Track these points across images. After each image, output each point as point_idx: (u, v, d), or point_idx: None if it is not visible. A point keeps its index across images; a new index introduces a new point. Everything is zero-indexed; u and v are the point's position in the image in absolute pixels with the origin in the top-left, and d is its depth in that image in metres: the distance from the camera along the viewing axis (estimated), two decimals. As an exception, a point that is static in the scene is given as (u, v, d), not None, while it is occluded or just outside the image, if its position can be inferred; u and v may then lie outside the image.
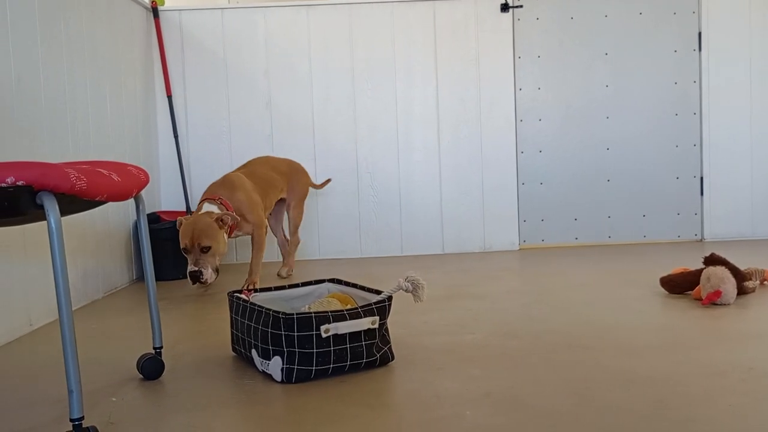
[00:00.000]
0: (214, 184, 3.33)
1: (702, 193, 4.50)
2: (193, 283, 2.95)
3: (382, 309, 1.97)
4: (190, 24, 4.30)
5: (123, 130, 3.68)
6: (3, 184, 1.38)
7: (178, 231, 3.02)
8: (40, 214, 1.44)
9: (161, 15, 4.26)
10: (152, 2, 4.21)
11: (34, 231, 2.65)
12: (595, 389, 1.72)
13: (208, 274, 2.93)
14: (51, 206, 1.40)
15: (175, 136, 4.27)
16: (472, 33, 4.35)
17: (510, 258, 4.10)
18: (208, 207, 3.11)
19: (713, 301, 2.60)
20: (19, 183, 1.38)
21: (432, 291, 3.07)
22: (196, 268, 2.92)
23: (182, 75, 4.31)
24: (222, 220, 2.99)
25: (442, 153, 4.40)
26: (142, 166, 3.82)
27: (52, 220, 1.41)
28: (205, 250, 2.94)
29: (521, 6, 4.37)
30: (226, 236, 3.07)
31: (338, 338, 1.89)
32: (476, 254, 4.32)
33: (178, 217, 3.14)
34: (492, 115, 4.39)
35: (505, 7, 4.33)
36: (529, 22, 4.40)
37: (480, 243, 4.42)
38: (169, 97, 4.27)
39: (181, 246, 2.98)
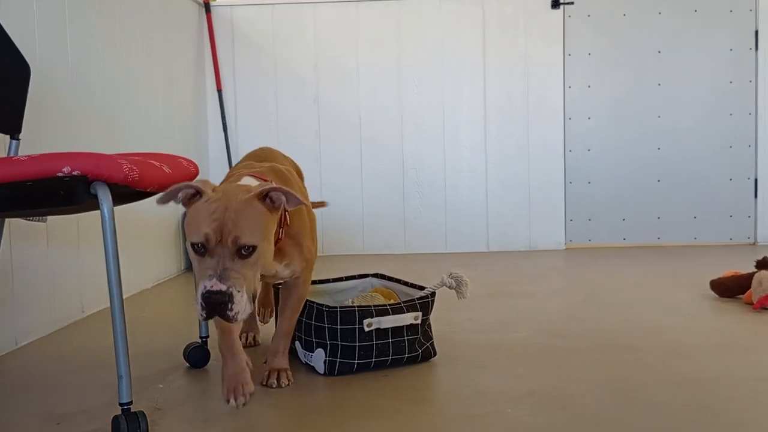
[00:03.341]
0: (247, 165, 1.89)
1: (756, 195, 4.38)
2: (207, 316, 1.44)
3: (425, 305, 1.98)
4: (241, 19, 4.35)
5: (174, 123, 3.75)
6: (59, 174, 1.42)
7: (185, 212, 1.58)
8: (93, 204, 1.48)
9: (213, 10, 4.32)
10: (204, -2, 4.27)
11: (87, 221, 2.72)
12: (641, 390, 1.70)
13: (242, 304, 1.44)
14: (104, 196, 1.44)
15: (225, 130, 4.33)
16: (521, 30, 4.31)
17: (556, 257, 4.06)
18: (248, 181, 1.67)
19: (765, 305, 2.54)
20: (75, 173, 1.42)
21: (476, 288, 3.06)
22: (223, 287, 1.42)
23: (232, 70, 4.37)
24: (271, 199, 1.54)
25: (488, 150, 4.37)
26: (192, 159, 3.89)
27: (106, 210, 1.44)
28: (246, 251, 1.46)
29: (572, 2, 4.31)
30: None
31: (381, 332, 1.90)
32: (521, 253, 4.29)
33: (174, 189, 1.56)
34: (540, 112, 4.35)
35: (555, 4, 4.28)
36: (580, 19, 4.35)
37: (525, 241, 4.39)
38: (219, 91, 4.33)
39: (195, 239, 1.47)
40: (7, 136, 1.98)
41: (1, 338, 2.16)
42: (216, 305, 1.41)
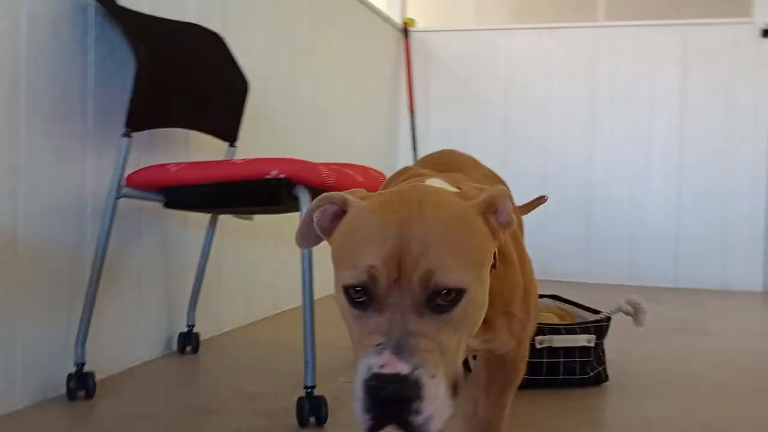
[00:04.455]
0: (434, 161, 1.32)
1: None
2: (375, 426, 0.77)
3: (599, 328, 1.98)
4: (437, 44, 4.52)
5: (368, 140, 3.97)
6: (268, 176, 1.60)
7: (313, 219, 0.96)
8: (294, 206, 1.65)
9: (411, 35, 4.53)
10: (404, 24, 4.49)
11: (284, 225, 2.96)
12: (829, 439, 1.60)
13: (438, 401, 0.77)
14: (304, 198, 1.61)
15: (414, 149, 4.51)
16: (725, 59, 4.11)
17: (751, 299, 3.82)
18: (438, 184, 0.98)
19: None
20: (281, 176, 1.60)
21: (658, 322, 2.96)
22: (405, 367, 0.75)
23: (425, 92, 4.54)
24: (498, 216, 0.88)
25: (682, 182, 4.20)
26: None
27: (305, 211, 1.60)
28: (448, 299, 0.80)
29: (786, 31, 4.06)
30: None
31: (552, 351, 1.92)
32: (712, 291, 4.07)
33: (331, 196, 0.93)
34: (743, 146, 4.11)
35: (766, 33, 4.05)
36: (794, 48, 4.07)
37: (718, 280, 4.16)
38: (412, 112, 4.52)
39: (350, 280, 0.84)
40: (226, 144, 2.24)
41: (207, 323, 2.42)
42: (390, 403, 0.76)
